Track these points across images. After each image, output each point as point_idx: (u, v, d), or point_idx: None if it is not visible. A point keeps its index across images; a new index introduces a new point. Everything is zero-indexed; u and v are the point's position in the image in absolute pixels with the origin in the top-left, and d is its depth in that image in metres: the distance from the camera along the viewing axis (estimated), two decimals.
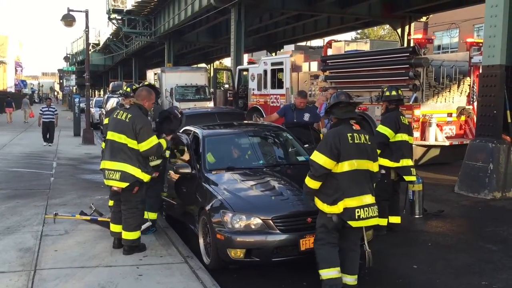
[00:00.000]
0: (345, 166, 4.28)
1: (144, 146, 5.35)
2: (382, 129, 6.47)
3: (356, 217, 4.24)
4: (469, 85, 12.27)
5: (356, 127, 4.42)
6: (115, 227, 5.66)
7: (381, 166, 6.38)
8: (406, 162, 6.48)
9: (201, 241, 5.56)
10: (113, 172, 5.39)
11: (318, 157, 4.30)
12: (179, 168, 6.09)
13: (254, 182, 5.69)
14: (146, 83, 7.01)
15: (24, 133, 21.59)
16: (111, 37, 47.66)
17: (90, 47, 32.95)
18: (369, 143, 4.44)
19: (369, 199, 4.34)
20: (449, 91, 12.13)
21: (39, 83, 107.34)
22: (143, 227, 5.79)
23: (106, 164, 5.49)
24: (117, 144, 5.42)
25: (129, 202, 5.48)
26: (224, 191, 5.38)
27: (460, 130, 12.27)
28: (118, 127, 5.44)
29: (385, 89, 6.75)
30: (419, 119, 11.47)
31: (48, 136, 16.73)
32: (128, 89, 7.51)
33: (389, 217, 6.56)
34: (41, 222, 6.73)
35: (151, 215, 6.15)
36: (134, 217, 5.46)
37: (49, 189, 9.10)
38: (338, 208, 4.27)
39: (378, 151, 6.35)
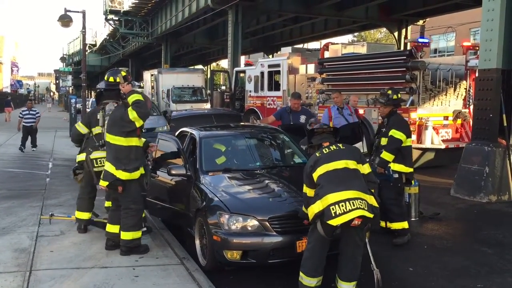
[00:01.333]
0: (315, 177, 4.42)
1: (133, 114, 5.27)
2: (397, 134, 6.24)
3: (333, 215, 4.16)
4: (465, 89, 12.31)
5: (324, 144, 4.62)
6: (110, 227, 5.66)
7: (394, 171, 6.29)
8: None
9: (197, 242, 5.55)
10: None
11: (303, 188, 4.59)
12: (172, 169, 6.01)
13: (250, 184, 5.69)
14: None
15: (20, 133, 21.48)
16: (107, 37, 47.55)
17: (87, 48, 32.89)
18: (343, 148, 4.60)
19: (350, 194, 4.23)
20: (446, 95, 12.17)
21: (35, 84, 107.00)
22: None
23: None
24: (106, 143, 5.56)
25: (122, 202, 5.51)
26: (220, 192, 5.38)
27: (456, 133, 12.30)
28: (106, 126, 5.59)
29: (389, 92, 6.46)
30: (415, 122, 11.49)
31: (31, 140, 15.46)
32: None
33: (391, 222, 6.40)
34: (37, 223, 6.71)
35: None
36: (128, 217, 5.44)
37: (45, 189, 9.07)
38: (311, 211, 4.31)
39: (392, 157, 6.22)
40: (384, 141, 6.39)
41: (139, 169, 5.52)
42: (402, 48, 23.42)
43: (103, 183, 5.47)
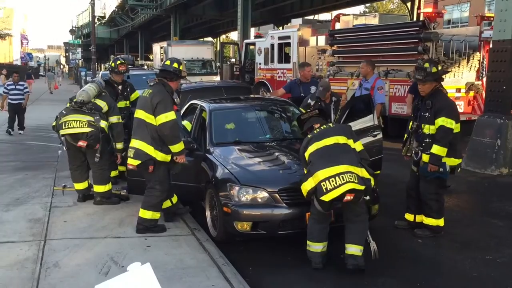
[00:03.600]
0: (307, 155, 4.64)
1: (160, 119, 5.20)
2: (448, 122, 5.17)
3: (324, 191, 4.29)
4: (479, 60, 12.11)
5: (315, 126, 4.86)
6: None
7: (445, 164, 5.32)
8: None
9: (208, 214, 5.61)
10: (130, 149, 5.41)
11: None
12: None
13: (260, 156, 5.71)
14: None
15: (32, 105, 21.63)
16: (116, 9, 47.27)
17: (96, 20, 32.66)
18: (333, 126, 4.92)
19: (340, 168, 4.33)
20: (458, 66, 11.98)
21: (45, 56, 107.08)
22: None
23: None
24: (137, 120, 5.42)
25: (148, 181, 5.45)
26: (231, 164, 5.40)
27: (468, 106, 12.17)
28: (141, 104, 5.44)
29: (426, 65, 5.28)
30: None
31: (17, 121, 13.36)
32: (113, 64, 7.58)
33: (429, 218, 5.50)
34: (50, 194, 6.83)
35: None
36: (152, 197, 5.39)
37: (57, 161, 9.16)
38: (304, 188, 4.46)
39: (446, 150, 5.22)
40: (427, 128, 5.30)
41: (171, 152, 5.41)
42: (414, 19, 22.99)
43: (134, 162, 5.33)
